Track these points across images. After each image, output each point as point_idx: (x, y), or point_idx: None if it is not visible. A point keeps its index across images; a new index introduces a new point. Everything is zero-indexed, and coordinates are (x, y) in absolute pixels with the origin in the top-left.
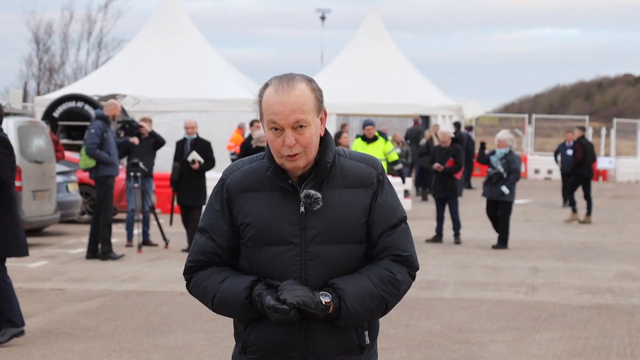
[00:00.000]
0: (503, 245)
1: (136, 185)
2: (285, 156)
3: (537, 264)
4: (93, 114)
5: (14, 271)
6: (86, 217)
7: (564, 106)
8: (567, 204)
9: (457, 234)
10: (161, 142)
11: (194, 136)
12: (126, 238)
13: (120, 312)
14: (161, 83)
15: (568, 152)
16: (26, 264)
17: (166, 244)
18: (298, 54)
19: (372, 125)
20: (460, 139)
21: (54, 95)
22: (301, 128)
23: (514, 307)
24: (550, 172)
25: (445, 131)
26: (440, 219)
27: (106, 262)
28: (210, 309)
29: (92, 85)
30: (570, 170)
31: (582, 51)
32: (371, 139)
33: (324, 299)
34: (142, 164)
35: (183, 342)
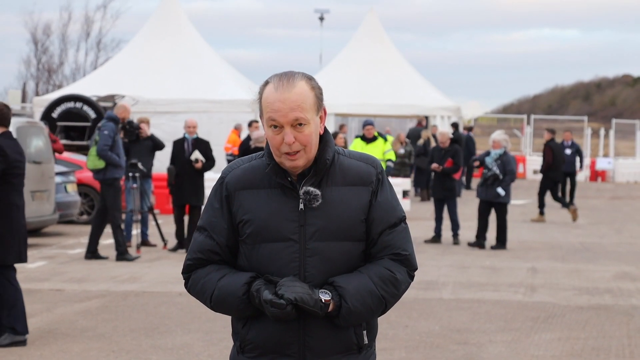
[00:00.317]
0: (502, 246)
1: (135, 185)
2: (284, 154)
3: (536, 265)
4: (105, 115)
5: None
6: (85, 218)
7: (563, 107)
8: (565, 205)
9: (456, 235)
10: (160, 146)
11: (194, 136)
12: (125, 238)
13: (118, 313)
14: (160, 84)
15: (566, 152)
16: (25, 265)
17: (165, 245)
18: (297, 55)
19: (372, 125)
20: (458, 140)
21: (53, 95)
22: (300, 126)
23: (513, 308)
24: None
25: (444, 132)
26: (438, 220)
27: (104, 263)
28: (208, 307)
29: (91, 85)
30: (567, 169)
31: (581, 52)
32: (370, 139)
33: (324, 297)
34: (141, 165)
35: (182, 343)
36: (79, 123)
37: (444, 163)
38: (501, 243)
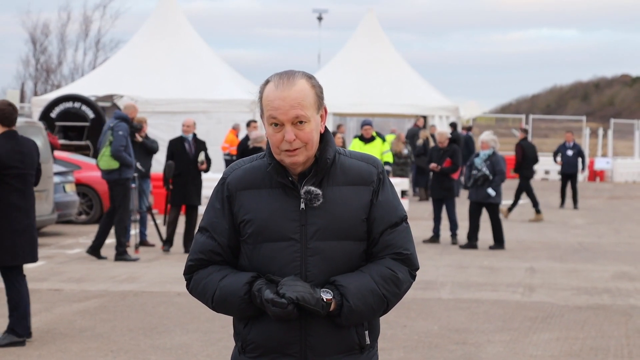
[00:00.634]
0: (500, 245)
1: (133, 185)
2: (284, 151)
3: (534, 265)
4: (113, 115)
5: None
6: (83, 218)
7: (561, 107)
8: (574, 206)
9: (454, 235)
10: (151, 150)
11: (191, 135)
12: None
13: (117, 313)
14: (158, 84)
15: (568, 153)
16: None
17: (163, 245)
18: (295, 55)
19: (370, 125)
20: (457, 140)
21: (51, 95)
22: (301, 124)
23: (511, 308)
24: (547, 173)
25: (442, 132)
26: (437, 220)
27: (103, 263)
28: (210, 308)
29: (90, 85)
30: (570, 171)
31: (580, 52)
32: (369, 139)
33: (325, 296)
34: (140, 165)
35: (180, 343)
36: (78, 123)
37: (443, 163)
38: (499, 243)
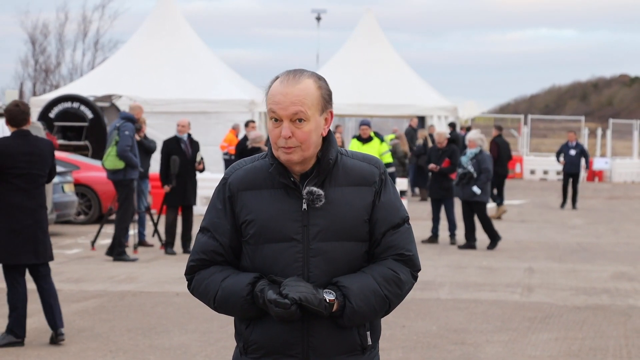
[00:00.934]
0: (495, 244)
1: None
2: (280, 147)
3: (533, 265)
4: (119, 115)
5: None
6: (82, 218)
7: (560, 107)
8: (572, 207)
9: (453, 235)
10: (149, 150)
11: (186, 135)
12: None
13: (116, 313)
14: (157, 84)
15: (571, 152)
16: None
17: (162, 245)
18: (294, 55)
19: (367, 125)
20: (456, 140)
21: (50, 96)
22: (300, 122)
23: (510, 308)
24: (546, 173)
25: (441, 132)
26: (436, 220)
27: (102, 263)
28: (211, 308)
29: (88, 85)
30: (572, 170)
31: (578, 52)
32: (366, 139)
33: (328, 297)
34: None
35: (179, 343)
36: (76, 123)
37: (441, 163)
38: (493, 241)
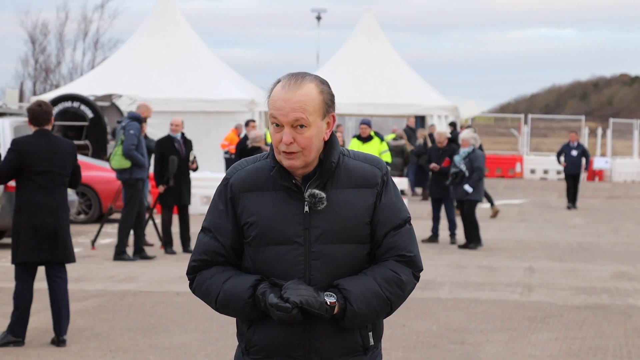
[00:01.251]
0: (477, 243)
1: None
2: (282, 152)
3: (533, 264)
4: (127, 115)
5: (10, 271)
6: (82, 217)
7: (560, 106)
8: (572, 205)
9: (453, 234)
10: (149, 149)
11: (179, 134)
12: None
13: (116, 312)
14: (157, 83)
15: (572, 153)
16: None
17: (162, 244)
18: (294, 54)
19: (367, 124)
20: (456, 139)
21: (50, 95)
22: (301, 128)
23: (510, 308)
24: (546, 172)
25: (441, 131)
26: (436, 219)
27: (102, 262)
28: (213, 309)
29: (88, 85)
30: (574, 171)
31: (578, 51)
32: (366, 138)
33: (329, 300)
34: None
35: (179, 342)
36: (76, 122)
37: (442, 162)
38: (476, 240)
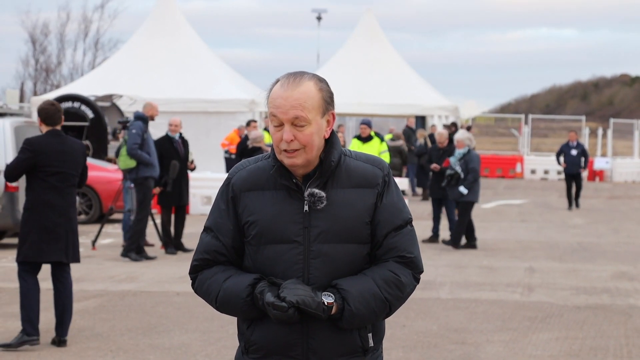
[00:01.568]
0: (453, 243)
1: (132, 185)
2: (283, 151)
3: (534, 265)
4: (132, 115)
5: (11, 271)
6: (83, 217)
7: (561, 106)
8: (575, 206)
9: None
10: None
11: (178, 135)
12: (122, 238)
13: (116, 312)
14: (157, 83)
15: (572, 152)
16: None
17: (162, 244)
18: (294, 54)
19: (367, 124)
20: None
21: (51, 95)
22: (301, 126)
23: (510, 308)
24: (546, 173)
25: (442, 132)
26: (436, 219)
27: (103, 263)
28: (214, 308)
29: (89, 85)
30: (574, 171)
31: (579, 51)
32: (366, 139)
33: (327, 300)
34: None
35: (179, 342)
36: (77, 123)
37: (442, 163)
38: (453, 241)
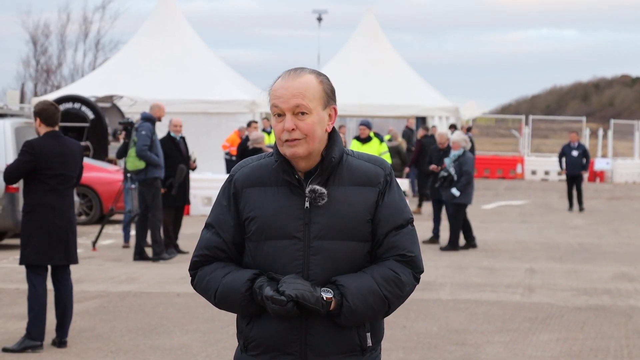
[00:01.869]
0: (451, 247)
1: (133, 186)
2: (285, 142)
3: (534, 265)
4: (139, 116)
5: (12, 272)
6: (83, 218)
7: (561, 107)
8: (579, 210)
9: None
10: None
11: (180, 135)
12: (123, 239)
13: (116, 313)
14: (158, 84)
15: (573, 153)
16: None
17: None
18: (295, 55)
19: (366, 125)
20: None
21: (51, 96)
22: (302, 115)
23: (511, 309)
24: (547, 174)
25: (442, 132)
26: (436, 220)
27: (103, 263)
28: (213, 304)
29: (89, 86)
30: (575, 172)
31: (579, 52)
32: (365, 139)
33: (326, 295)
34: None
35: (180, 343)
36: (77, 124)
37: (442, 164)
38: (451, 245)
